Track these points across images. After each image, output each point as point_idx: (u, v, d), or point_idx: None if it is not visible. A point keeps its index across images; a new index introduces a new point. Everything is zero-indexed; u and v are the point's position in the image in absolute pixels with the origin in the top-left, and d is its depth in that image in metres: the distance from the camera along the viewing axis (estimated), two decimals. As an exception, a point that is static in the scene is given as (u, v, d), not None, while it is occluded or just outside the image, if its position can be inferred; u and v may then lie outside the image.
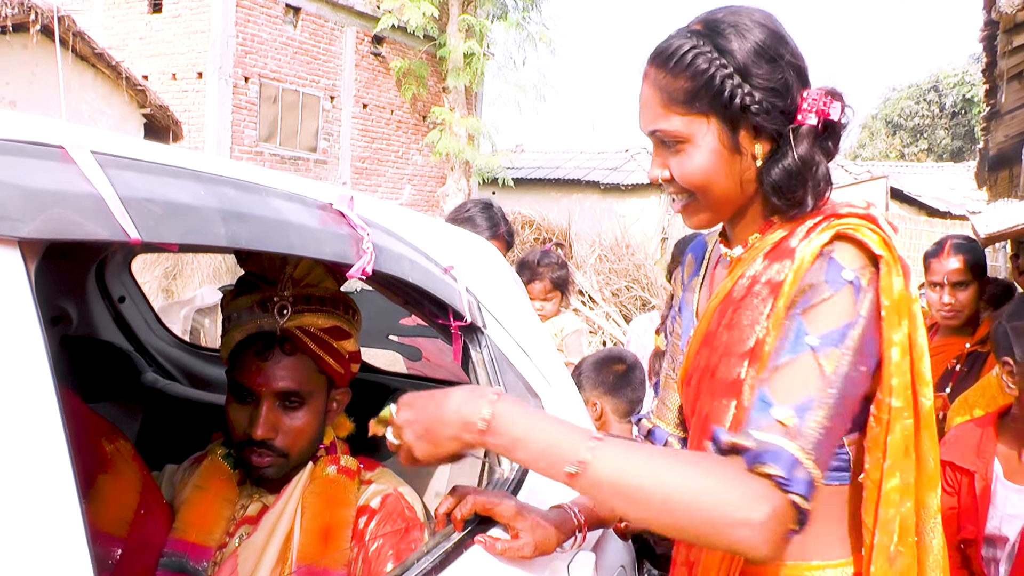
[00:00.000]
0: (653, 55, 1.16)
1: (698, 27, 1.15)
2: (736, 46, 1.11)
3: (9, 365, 0.74)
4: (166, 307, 6.27)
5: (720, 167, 1.14)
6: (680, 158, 1.15)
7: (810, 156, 1.13)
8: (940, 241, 2.91)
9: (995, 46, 4.68)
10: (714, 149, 1.13)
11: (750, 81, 1.11)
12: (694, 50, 1.12)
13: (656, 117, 1.15)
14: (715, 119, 1.12)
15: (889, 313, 1.08)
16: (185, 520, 1.45)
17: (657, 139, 1.17)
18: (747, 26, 1.13)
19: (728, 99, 1.10)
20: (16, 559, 0.71)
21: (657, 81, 1.14)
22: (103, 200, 0.86)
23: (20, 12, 9.61)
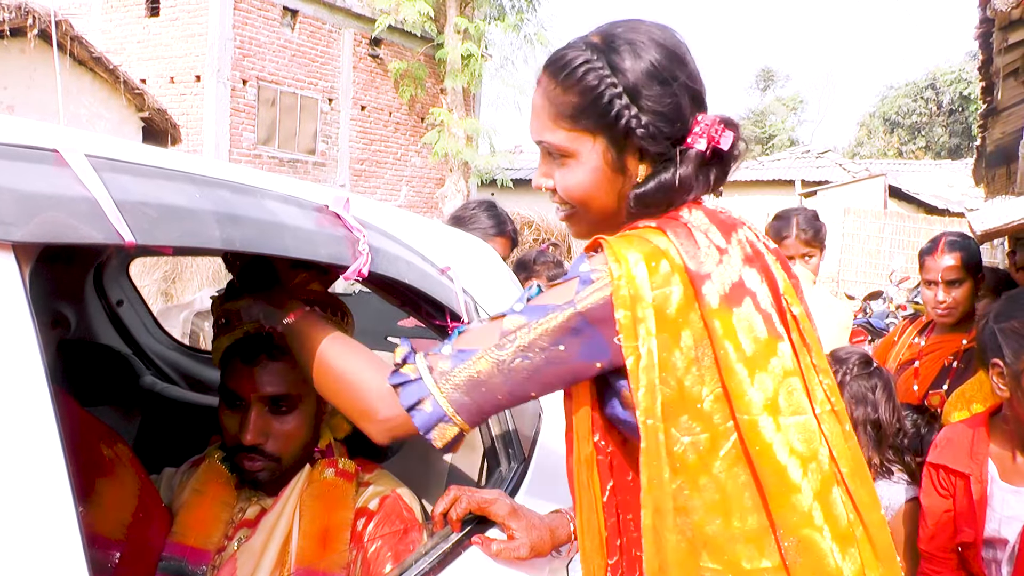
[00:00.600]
0: (547, 64, 1.14)
1: (596, 39, 1.12)
2: (629, 65, 1.08)
3: (4, 369, 0.75)
4: (165, 310, 6.27)
5: (601, 184, 1.12)
6: (564, 171, 1.13)
7: (689, 179, 1.10)
8: (935, 238, 2.90)
9: (991, 43, 4.69)
10: (597, 167, 1.11)
11: (639, 103, 1.08)
12: (586, 65, 1.09)
13: (543, 128, 1.13)
14: (601, 137, 1.10)
15: (628, 321, 1.02)
16: (183, 524, 1.45)
17: (544, 148, 1.15)
18: (644, 44, 1.09)
19: (614, 120, 1.08)
20: (12, 564, 0.71)
21: (548, 92, 1.12)
22: (97, 203, 0.86)
23: (17, 16, 9.62)
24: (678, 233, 1.06)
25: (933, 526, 2.01)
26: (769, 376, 1.03)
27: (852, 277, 16.60)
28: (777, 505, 1.01)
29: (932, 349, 2.88)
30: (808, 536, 1.01)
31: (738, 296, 1.04)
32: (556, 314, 1.04)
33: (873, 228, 17.25)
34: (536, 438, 1.63)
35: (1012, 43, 4.34)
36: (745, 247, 1.09)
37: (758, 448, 1.02)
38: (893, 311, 9.97)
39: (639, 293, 1.02)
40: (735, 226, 1.12)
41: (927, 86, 35.21)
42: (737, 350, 1.02)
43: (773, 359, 1.04)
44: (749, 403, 1.02)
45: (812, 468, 1.03)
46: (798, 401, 1.05)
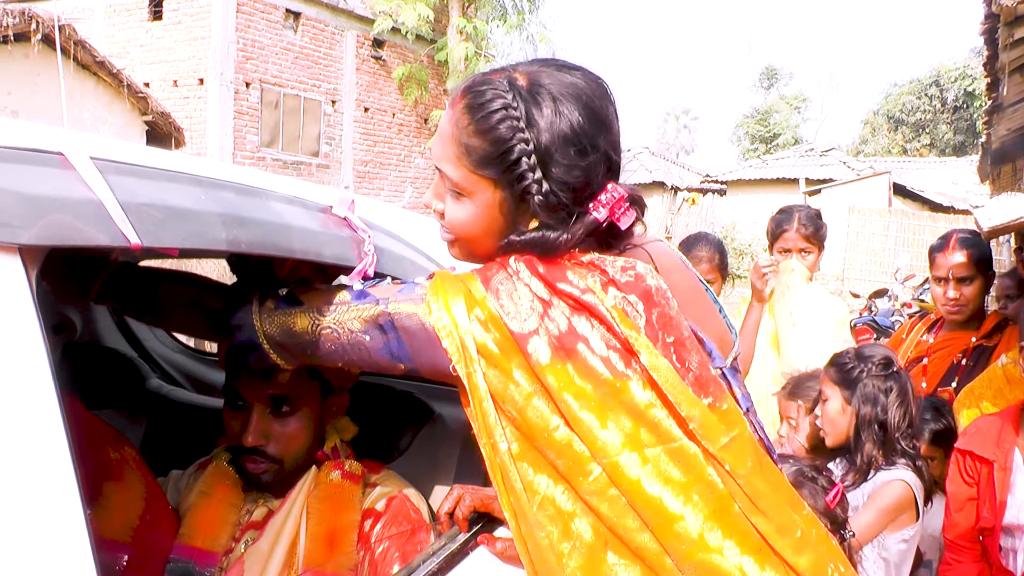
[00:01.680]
0: (467, 89, 1.08)
1: (521, 82, 1.05)
2: (547, 123, 1.02)
3: (11, 372, 0.75)
4: (170, 313, 6.26)
5: (489, 229, 1.09)
6: (455, 205, 1.09)
7: (572, 242, 1.05)
8: (945, 235, 2.90)
9: (996, 39, 4.68)
10: (488, 213, 1.08)
11: (547, 167, 1.03)
12: (503, 112, 1.03)
13: (446, 159, 1.08)
14: (500, 190, 1.06)
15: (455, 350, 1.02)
16: (191, 526, 1.45)
17: (440, 172, 1.11)
18: (571, 102, 1.04)
19: (517, 179, 1.03)
20: (21, 566, 0.71)
21: (459, 126, 1.06)
22: (103, 206, 0.86)
23: (21, 21, 9.64)
24: (502, 286, 1.04)
25: (956, 512, 2.04)
26: (624, 412, 0.99)
27: (857, 275, 16.57)
28: (662, 536, 0.97)
29: (941, 346, 2.88)
30: (705, 560, 0.97)
31: (571, 342, 1.00)
32: (370, 306, 1.10)
33: (878, 226, 17.23)
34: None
35: (1018, 39, 4.32)
36: (569, 301, 1.03)
37: (625, 487, 0.97)
38: (898, 309, 9.95)
39: (460, 328, 1.02)
40: (559, 275, 1.05)
41: (931, 83, 35.14)
42: (578, 398, 0.98)
43: (624, 396, 0.99)
44: (604, 447, 0.98)
45: (698, 490, 0.98)
46: (667, 430, 0.99)
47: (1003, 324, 2.81)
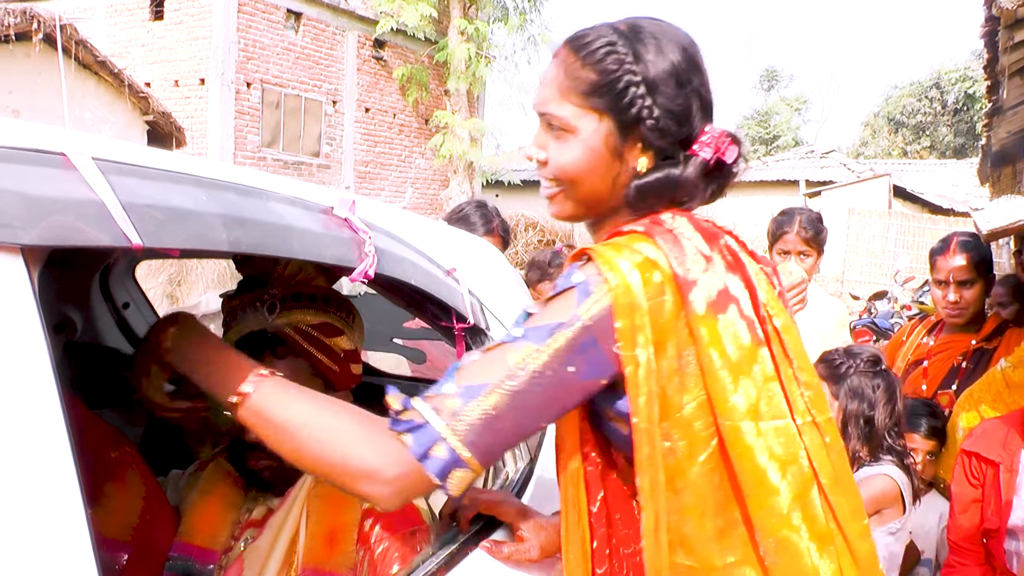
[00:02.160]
0: (570, 38, 1.13)
1: (622, 27, 1.12)
2: (652, 58, 1.09)
3: (13, 372, 0.75)
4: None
5: (596, 166, 1.11)
6: (560, 146, 1.12)
7: (691, 184, 1.11)
8: (946, 238, 2.90)
9: (996, 42, 4.68)
10: (596, 148, 1.10)
11: (655, 96, 1.08)
12: (610, 47, 1.09)
13: (550, 99, 1.12)
14: (608, 120, 1.09)
15: (627, 329, 1.00)
16: (191, 524, 1.45)
17: (545, 120, 1.14)
18: (667, 43, 1.10)
19: (627, 105, 1.08)
20: (23, 565, 0.72)
21: (565, 64, 1.11)
22: (105, 206, 0.86)
23: (23, 21, 9.65)
24: (666, 239, 1.06)
25: (960, 514, 2.05)
26: (751, 382, 1.04)
27: (856, 277, 16.57)
28: (756, 507, 1.02)
29: (941, 349, 2.88)
30: (786, 537, 1.02)
31: (724, 303, 1.04)
32: (564, 331, 1.00)
33: (878, 228, 17.23)
34: (542, 440, 1.63)
35: (1018, 41, 4.32)
36: (726, 255, 1.09)
37: (739, 452, 1.02)
38: (898, 311, 9.95)
39: (635, 302, 1.00)
40: (718, 235, 1.12)
41: (932, 85, 35.13)
42: (722, 356, 1.03)
43: (755, 365, 1.05)
44: (732, 409, 1.02)
45: (792, 471, 1.04)
46: (778, 406, 1.05)
47: (1003, 327, 2.81)
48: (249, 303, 1.44)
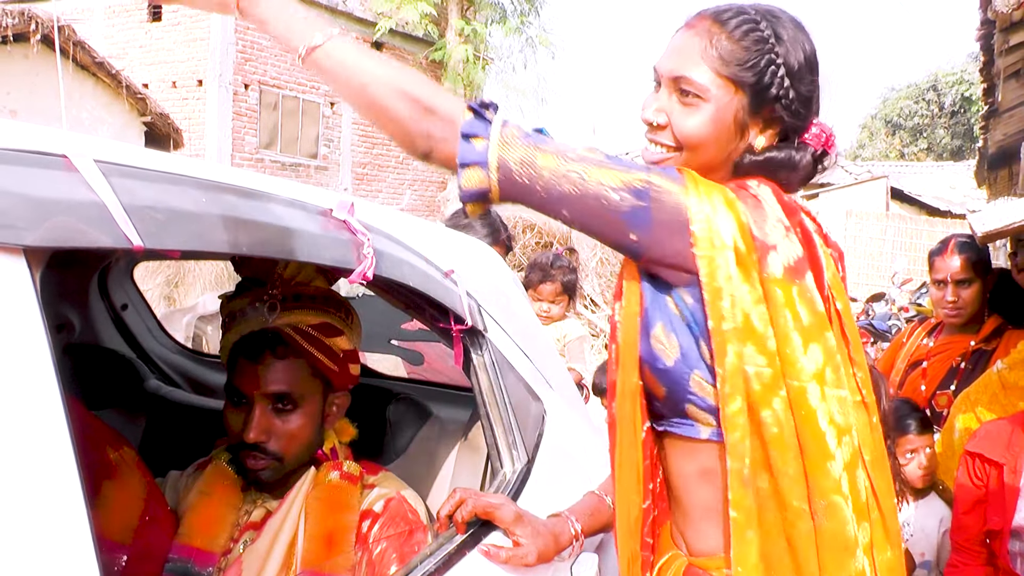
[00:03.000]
0: (715, 11, 1.14)
1: (762, 10, 1.15)
2: (790, 44, 1.13)
3: (16, 372, 0.75)
4: (168, 314, 6.28)
5: (719, 136, 1.14)
6: (688, 111, 1.13)
7: (806, 169, 1.18)
8: (945, 239, 2.93)
9: (992, 45, 4.69)
10: (724, 119, 1.13)
11: (791, 79, 1.13)
12: (754, 25, 1.12)
13: (689, 63, 1.12)
14: (742, 95, 1.12)
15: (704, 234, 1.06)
16: (190, 526, 1.45)
17: (673, 84, 1.14)
18: (801, 33, 1.15)
19: (767, 84, 1.12)
20: (25, 566, 0.72)
21: (708, 32, 1.12)
22: (106, 208, 0.87)
23: (21, 22, 9.64)
24: (748, 203, 1.10)
25: (964, 515, 2.05)
26: (820, 348, 1.08)
27: (854, 279, 16.59)
28: (813, 468, 1.06)
29: (940, 350, 2.89)
30: (836, 502, 1.07)
31: (801, 270, 1.09)
32: (632, 170, 1.07)
33: (875, 230, 17.25)
34: (539, 440, 1.64)
35: (1013, 44, 4.34)
36: (798, 232, 1.13)
37: (804, 413, 1.06)
38: (895, 313, 9.96)
39: (718, 216, 1.06)
40: (796, 210, 1.16)
41: (929, 87, 35.18)
42: (795, 320, 1.07)
43: (827, 332, 1.10)
44: (800, 370, 1.07)
45: (845, 441, 1.09)
46: (841, 377, 1.11)
47: (1002, 328, 2.82)
48: (249, 304, 1.45)
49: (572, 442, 1.76)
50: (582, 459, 1.75)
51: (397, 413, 1.95)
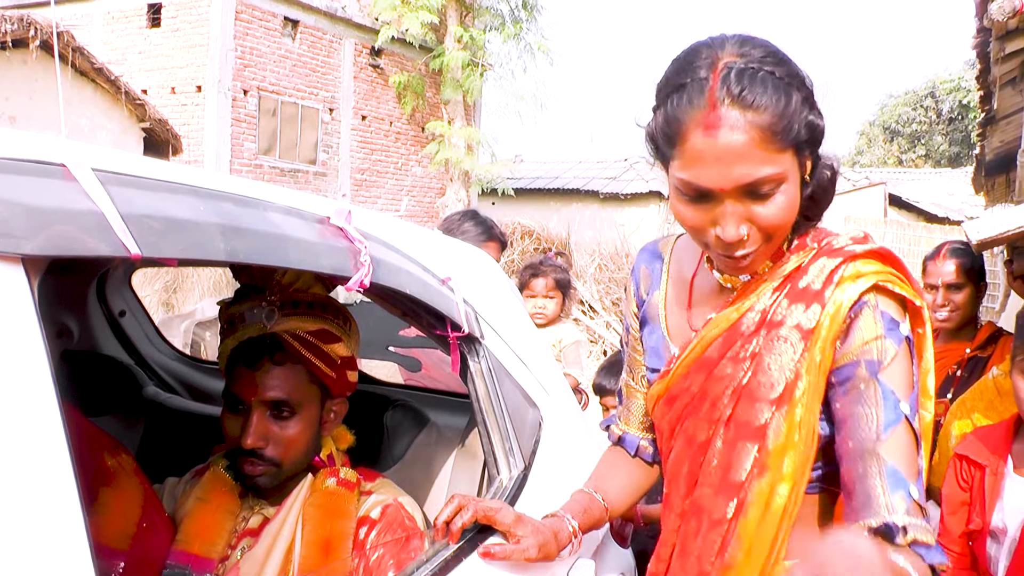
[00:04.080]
0: (733, 92, 1.02)
1: (760, 53, 1.06)
2: (799, 71, 1.08)
3: (14, 379, 0.76)
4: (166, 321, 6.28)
5: (797, 198, 1.10)
6: (772, 202, 1.06)
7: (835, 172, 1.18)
8: (939, 245, 2.96)
9: (988, 53, 4.71)
10: (797, 182, 1.09)
11: (813, 106, 1.09)
12: (775, 77, 1.04)
13: (755, 162, 1.03)
14: (791, 148, 1.06)
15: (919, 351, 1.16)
16: (188, 532, 1.46)
17: (742, 190, 1.06)
18: (788, 51, 1.10)
19: (809, 125, 1.06)
20: (22, 572, 0.72)
21: (746, 122, 1.02)
22: (104, 217, 0.87)
23: (20, 28, 9.66)
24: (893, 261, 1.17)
25: (949, 516, 2.07)
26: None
27: (852, 285, 16.57)
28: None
29: (936, 358, 2.89)
30: None
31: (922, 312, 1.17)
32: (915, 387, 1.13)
33: (873, 236, 17.27)
34: (536, 447, 1.64)
35: (1009, 52, 4.36)
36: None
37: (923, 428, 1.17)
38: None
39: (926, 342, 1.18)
40: None
41: (927, 94, 35.26)
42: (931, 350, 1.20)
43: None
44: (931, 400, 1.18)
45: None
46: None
47: (997, 335, 2.83)
48: (248, 310, 1.46)
49: (569, 449, 1.76)
50: (579, 465, 1.75)
51: (394, 420, 1.96)
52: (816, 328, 1.12)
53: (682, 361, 1.25)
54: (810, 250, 1.19)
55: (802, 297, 1.15)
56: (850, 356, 1.12)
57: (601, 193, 17.55)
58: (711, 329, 1.22)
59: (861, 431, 1.09)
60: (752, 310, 1.19)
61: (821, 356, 1.12)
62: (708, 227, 1.10)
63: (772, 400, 1.14)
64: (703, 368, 1.22)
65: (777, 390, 1.13)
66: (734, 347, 1.19)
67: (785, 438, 1.12)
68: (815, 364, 1.12)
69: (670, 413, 1.28)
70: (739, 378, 1.17)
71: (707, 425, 1.21)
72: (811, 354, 1.12)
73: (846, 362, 1.12)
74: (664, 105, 1.09)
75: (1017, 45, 4.22)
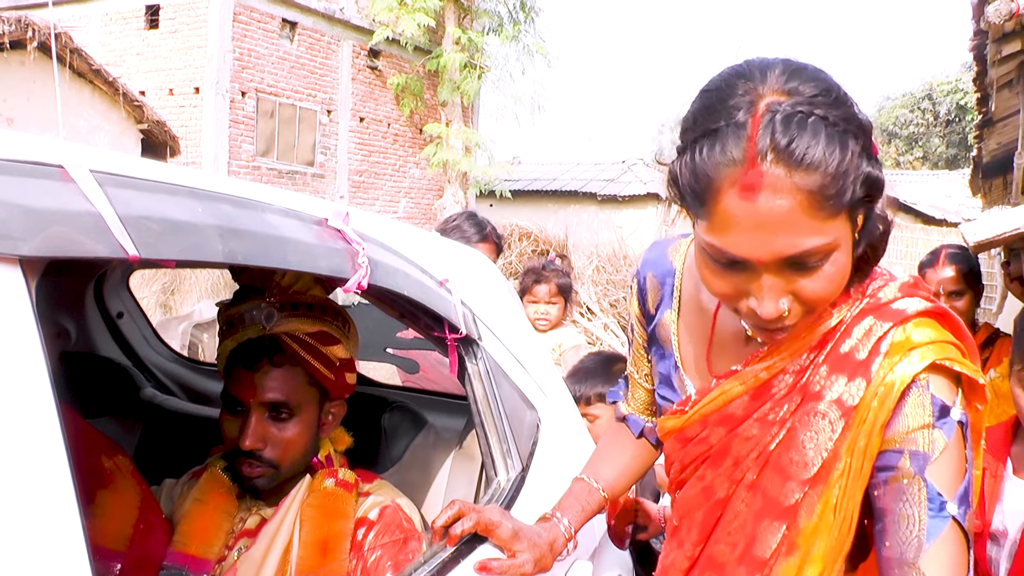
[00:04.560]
0: (778, 145, 0.84)
1: (811, 91, 0.88)
2: (856, 111, 0.90)
3: (11, 380, 0.76)
4: (164, 322, 6.28)
5: (849, 263, 0.94)
6: (819, 275, 0.91)
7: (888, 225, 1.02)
8: (935, 251, 2.95)
9: (985, 55, 4.73)
10: (849, 248, 0.93)
11: (871, 152, 0.91)
12: (828, 123, 0.86)
13: (802, 233, 0.86)
14: (848, 212, 0.89)
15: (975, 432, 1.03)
16: (185, 533, 1.46)
17: (785, 262, 0.90)
18: (832, 78, 0.92)
19: (865, 180, 0.88)
20: (19, 574, 0.72)
21: (792, 184, 0.84)
22: (102, 218, 0.88)
23: (17, 29, 9.66)
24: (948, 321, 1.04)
25: None
26: None
27: (850, 287, 16.59)
28: None
29: None
30: None
31: None
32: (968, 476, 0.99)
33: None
34: (534, 449, 1.64)
35: (1006, 55, 4.37)
36: None
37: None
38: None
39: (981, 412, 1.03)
40: None
41: (924, 96, 35.33)
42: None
43: None
44: None
45: None
46: None
47: (994, 337, 2.84)
48: (247, 311, 1.46)
49: (567, 450, 1.76)
50: (577, 467, 1.75)
51: (392, 421, 1.96)
52: (860, 407, 0.99)
53: (698, 410, 1.13)
54: (853, 302, 1.04)
55: (844, 366, 1.01)
56: (893, 443, 0.99)
57: (599, 195, 17.56)
58: (735, 384, 1.09)
59: (901, 534, 0.97)
60: (785, 372, 1.05)
61: (866, 441, 0.99)
62: (741, 297, 0.95)
63: (805, 480, 1.02)
64: (724, 423, 1.11)
65: (812, 470, 1.02)
66: (762, 408, 1.07)
67: (819, 519, 1.01)
68: (858, 448, 0.99)
69: (683, 453, 1.18)
70: (766, 443, 1.06)
71: (727, 483, 1.10)
72: (853, 434, 0.99)
73: (888, 448, 0.99)
74: (692, 151, 0.90)
75: (1014, 47, 4.23)
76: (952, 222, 17.80)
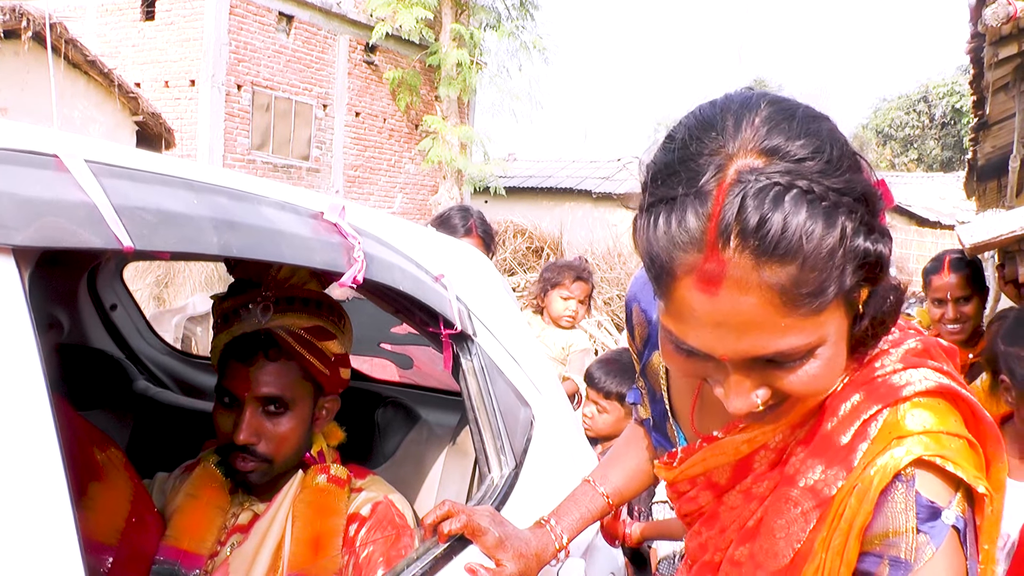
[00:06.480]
0: (746, 229, 0.69)
1: (800, 150, 0.72)
2: (854, 176, 0.75)
3: (3, 372, 0.75)
4: (158, 315, 6.25)
5: (842, 352, 0.81)
6: (805, 370, 0.78)
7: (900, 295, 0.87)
8: (938, 257, 2.95)
9: (982, 58, 4.73)
10: (842, 335, 0.80)
11: (871, 220, 0.77)
12: (813, 197, 0.70)
13: (774, 333, 0.74)
14: (841, 297, 0.75)
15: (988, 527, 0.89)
16: (177, 527, 1.45)
17: (757, 360, 0.78)
18: (830, 124, 0.78)
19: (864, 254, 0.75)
20: (10, 567, 0.72)
21: (761, 281, 0.70)
22: (97, 208, 0.87)
23: (12, 19, 9.60)
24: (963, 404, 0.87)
25: None
26: None
27: (844, 288, 16.63)
28: None
29: None
30: None
31: None
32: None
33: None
34: (528, 445, 1.64)
35: (1002, 58, 4.38)
36: None
37: None
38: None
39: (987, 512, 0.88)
40: None
41: (920, 99, 35.41)
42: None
43: None
44: None
45: None
46: None
47: (991, 340, 2.85)
48: (242, 305, 1.45)
49: (560, 447, 1.76)
50: (570, 464, 1.75)
51: (385, 417, 1.95)
52: (835, 502, 0.85)
53: (684, 469, 1.03)
54: (844, 371, 0.87)
55: (824, 450, 0.87)
56: (872, 545, 0.84)
57: (594, 193, 17.56)
58: (717, 455, 0.98)
59: None
60: (766, 448, 0.94)
61: (842, 540, 0.84)
62: (709, 382, 0.84)
63: (775, 572, 0.89)
64: (711, 488, 1.02)
65: (781, 562, 0.88)
66: (744, 481, 0.97)
67: None
68: (833, 547, 0.84)
69: (678, 505, 1.10)
70: (746, 517, 0.96)
71: (715, 549, 1.01)
72: (828, 530, 0.85)
73: (868, 551, 0.84)
74: (647, 218, 0.76)
75: (1010, 50, 4.24)
76: (946, 224, 17.85)
